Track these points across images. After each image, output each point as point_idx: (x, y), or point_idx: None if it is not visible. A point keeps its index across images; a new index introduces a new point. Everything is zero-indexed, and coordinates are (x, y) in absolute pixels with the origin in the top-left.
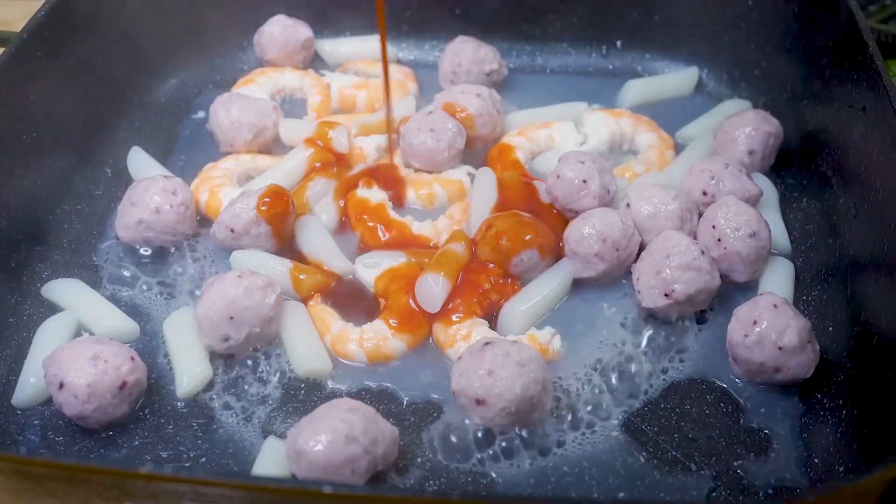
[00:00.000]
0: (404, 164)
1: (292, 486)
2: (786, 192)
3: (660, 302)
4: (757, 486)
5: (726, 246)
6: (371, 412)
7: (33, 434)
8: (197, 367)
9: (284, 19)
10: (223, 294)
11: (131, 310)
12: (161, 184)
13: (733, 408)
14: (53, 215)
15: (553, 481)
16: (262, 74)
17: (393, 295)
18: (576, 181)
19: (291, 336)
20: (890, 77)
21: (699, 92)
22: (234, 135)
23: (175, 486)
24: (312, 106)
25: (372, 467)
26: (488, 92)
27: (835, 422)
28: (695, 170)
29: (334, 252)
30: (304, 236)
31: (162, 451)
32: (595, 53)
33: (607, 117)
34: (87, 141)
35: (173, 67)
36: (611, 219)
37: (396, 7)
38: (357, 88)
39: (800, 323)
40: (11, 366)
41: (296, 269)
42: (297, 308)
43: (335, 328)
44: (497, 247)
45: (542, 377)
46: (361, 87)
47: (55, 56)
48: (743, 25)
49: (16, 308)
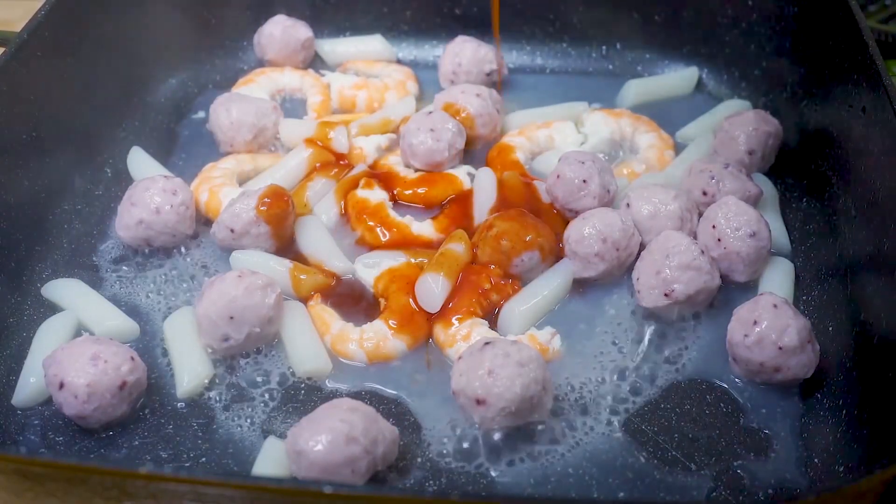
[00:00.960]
0: (404, 164)
1: (292, 486)
2: (786, 192)
3: (660, 302)
4: (757, 486)
5: (726, 246)
6: (371, 412)
7: (33, 434)
8: (197, 366)
9: (284, 19)
10: (223, 294)
11: (131, 310)
12: (161, 184)
13: (733, 408)
14: (53, 215)
15: (553, 481)
16: (262, 74)
17: (393, 295)
18: (576, 181)
19: (291, 336)
20: (890, 77)
21: (699, 92)
22: (234, 135)
23: (175, 486)
24: (312, 106)
25: (372, 467)
26: (488, 92)
27: (835, 422)
28: (695, 170)
29: (334, 252)
30: (304, 236)
31: (162, 451)
32: (595, 53)
33: (607, 117)
34: (87, 141)
35: (173, 67)
36: (611, 219)
37: (396, 7)
38: (357, 88)
39: (800, 323)
40: (11, 366)
41: (295, 269)
42: (297, 308)
43: (335, 328)
44: (498, 247)
45: (542, 377)
46: (361, 87)
47: (55, 56)
48: (743, 25)
49: (16, 308)
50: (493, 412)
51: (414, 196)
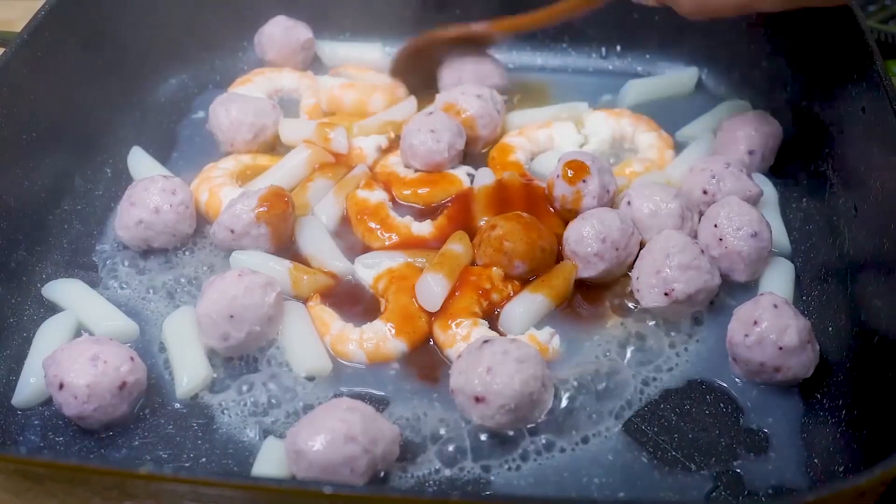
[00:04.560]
0: (404, 165)
1: (292, 486)
2: (786, 192)
3: (660, 301)
4: (757, 486)
5: (728, 245)
6: (370, 411)
7: (33, 434)
8: (197, 367)
9: (285, 20)
10: (223, 293)
11: (131, 310)
12: (161, 184)
13: (733, 408)
14: (53, 215)
15: (553, 481)
16: (261, 74)
17: (393, 296)
18: (576, 181)
19: (291, 336)
20: (890, 77)
21: (699, 92)
22: (233, 135)
23: (175, 486)
24: (305, 108)
25: (372, 467)
26: (490, 93)
27: (835, 422)
28: (695, 169)
29: (334, 252)
30: (304, 237)
31: (162, 451)
32: (595, 54)
33: (607, 117)
34: (87, 141)
35: (173, 67)
36: (610, 218)
37: (396, 7)
38: (344, 90)
39: (800, 323)
40: (11, 366)
41: (296, 270)
42: (297, 308)
43: (335, 328)
44: (500, 248)
45: (541, 374)
46: (349, 87)
47: (55, 56)
48: (743, 25)
49: (16, 308)
50: (493, 409)
51: (414, 196)
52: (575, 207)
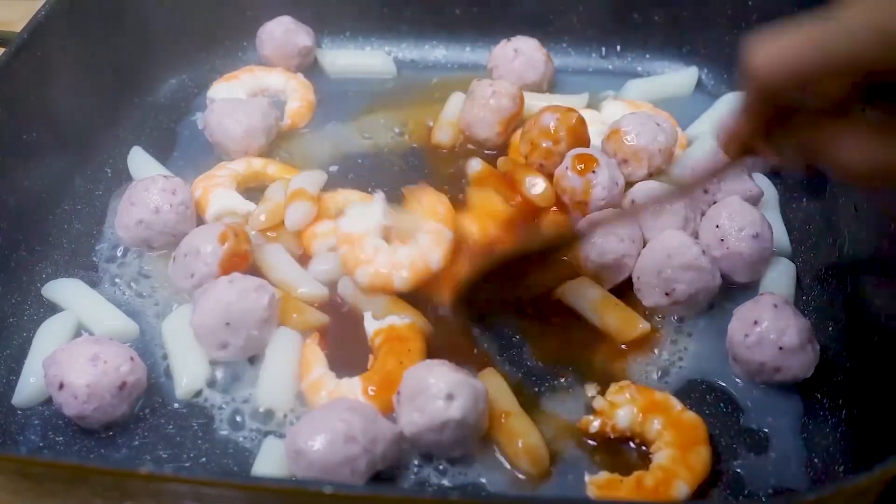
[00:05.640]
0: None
1: (292, 486)
2: (786, 192)
3: (660, 301)
4: (757, 486)
5: (729, 246)
6: (371, 411)
7: (33, 434)
8: (196, 367)
9: (289, 21)
10: (217, 300)
11: (131, 310)
12: (161, 184)
13: (733, 408)
14: (53, 215)
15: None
16: (248, 72)
17: (382, 356)
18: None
19: (270, 364)
20: None
21: (699, 92)
22: (249, 142)
23: (175, 486)
24: (289, 111)
25: (372, 467)
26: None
27: (835, 422)
28: (696, 168)
29: (302, 277)
30: (270, 265)
31: (162, 451)
32: (595, 54)
33: (626, 107)
34: (87, 141)
35: (173, 67)
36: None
37: (396, 7)
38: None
39: (800, 323)
40: (11, 366)
41: (285, 305)
42: (292, 339)
43: (314, 375)
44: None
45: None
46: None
47: (55, 56)
48: (743, 25)
49: (16, 308)
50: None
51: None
52: (585, 199)
